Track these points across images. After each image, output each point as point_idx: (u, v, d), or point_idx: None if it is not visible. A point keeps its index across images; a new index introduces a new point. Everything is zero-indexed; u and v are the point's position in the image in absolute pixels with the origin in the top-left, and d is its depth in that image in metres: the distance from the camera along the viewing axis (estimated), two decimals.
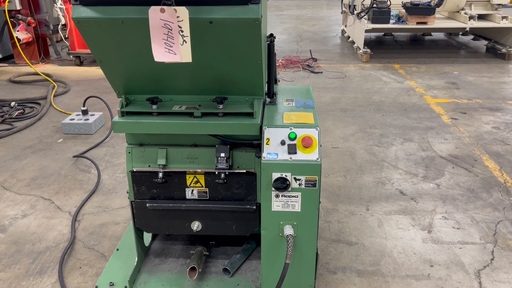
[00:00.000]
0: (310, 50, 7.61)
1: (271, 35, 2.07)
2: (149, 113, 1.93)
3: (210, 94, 1.94)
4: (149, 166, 2.07)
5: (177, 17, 1.41)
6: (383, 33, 9.07)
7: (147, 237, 2.50)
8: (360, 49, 7.29)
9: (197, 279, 2.23)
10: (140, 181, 2.09)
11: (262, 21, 1.62)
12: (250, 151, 2.01)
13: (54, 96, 5.55)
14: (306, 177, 1.83)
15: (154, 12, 1.40)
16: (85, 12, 1.57)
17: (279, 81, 2.52)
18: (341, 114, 4.90)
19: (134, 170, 2.07)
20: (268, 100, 2.16)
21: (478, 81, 6.01)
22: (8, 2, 6.50)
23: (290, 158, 1.82)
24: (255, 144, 1.95)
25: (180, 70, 1.81)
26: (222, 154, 1.98)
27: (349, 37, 8.51)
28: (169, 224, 2.17)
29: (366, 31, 7.07)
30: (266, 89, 2.13)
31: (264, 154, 1.83)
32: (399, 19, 7.27)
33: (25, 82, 6.22)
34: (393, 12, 7.40)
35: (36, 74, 6.35)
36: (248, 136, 1.94)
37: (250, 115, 1.90)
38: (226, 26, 1.57)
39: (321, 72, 6.54)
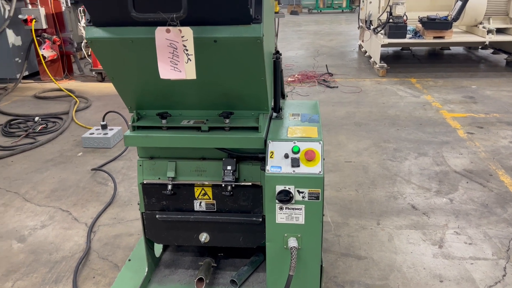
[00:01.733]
0: (326, 65, 7.67)
1: (277, 52, 2.14)
2: (159, 127, 2.01)
3: (217, 109, 2.01)
4: (159, 178, 2.14)
5: (182, 36, 1.49)
6: (400, 48, 9.06)
7: (158, 248, 2.56)
8: (376, 63, 7.30)
9: None
10: (151, 193, 2.16)
11: (264, 39, 1.69)
12: (256, 164, 2.06)
13: (76, 111, 5.74)
14: (309, 190, 1.87)
15: (160, 32, 1.49)
16: (98, 32, 1.67)
17: (287, 96, 2.58)
18: (355, 128, 4.91)
19: (145, 182, 2.15)
20: (274, 114, 2.22)
21: (497, 95, 5.94)
22: (35, 21, 6.79)
23: (293, 171, 1.86)
24: (260, 157, 2.00)
25: (188, 86, 1.89)
26: (229, 167, 2.04)
27: (366, 52, 8.54)
28: (178, 235, 2.23)
29: (382, 45, 7.10)
30: (272, 104, 2.19)
31: (268, 167, 1.88)
32: (416, 33, 7.27)
33: (49, 97, 6.46)
34: (410, 27, 7.41)
35: (60, 90, 6.58)
36: (253, 149, 1.99)
37: (256, 129, 1.96)
38: (230, 44, 1.65)
39: (337, 87, 6.57)
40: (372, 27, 7.61)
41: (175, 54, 1.51)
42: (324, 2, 17.30)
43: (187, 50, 1.51)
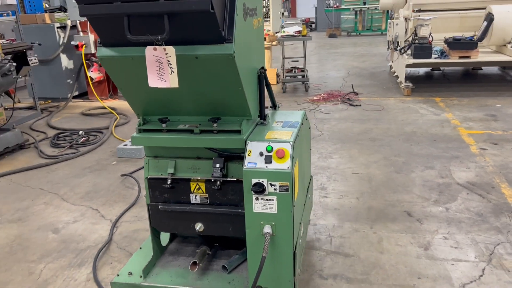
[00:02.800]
0: (352, 85, 7.92)
1: (262, 67, 2.50)
2: (159, 130, 2.41)
3: (207, 115, 2.39)
4: (161, 174, 2.53)
5: (166, 53, 1.89)
6: (431, 68, 9.14)
7: (165, 238, 2.94)
8: (402, 83, 7.47)
9: (199, 273, 2.61)
10: (154, 186, 2.55)
11: (240, 56, 2.06)
12: (242, 163, 2.40)
13: (116, 126, 6.34)
14: (279, 183, 2.18)
15: (149, 50, 1.90)
16: (106, 51, 2.11)
17: (278, 107, 2.91)
18: (369, 143, 5.13)
19: (150, 177, 2.55)
20: (260, 121, 2.56)
21: None
22: (85, 46, 7.57)
23: (266, 166, 2.19)
24: (242, 156, 2.34)
25: (181, 96, 2.29)
26: (217, 165, 2.39)
27: (394, 72, 8.70)
28: (177, 224, 2.60)
29: (407, 65, 7.27)
30: (258, 112, 2.54)
31: (245, 163, 2.22)
32: (442, 53, 7.39)
33: (94, 114, 7.15)
34: (438, 47, 7.54)
35: (104, 108, 7.27)
36: (237, 149, 2.34)
37: (239, 132, 2.31)
38: (208, 60, 2.03)
39: (360, 105, 6.81)
40: (398, 47, 7.80)
41: (161, 67, 1.91)
42: (363, 25, 17.54)
43: (170, 64, 1.91)
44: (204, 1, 1.78)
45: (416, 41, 7.28)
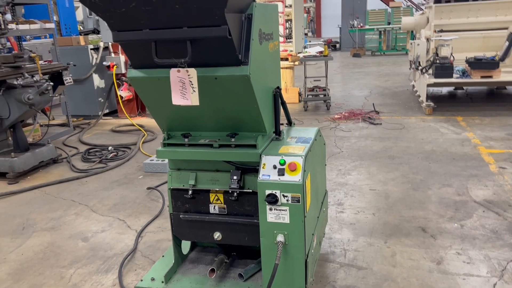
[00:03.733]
0: (373, 104, 8.01)
1: (278, 87, 2.69)
2: (182, 144, 2.61)
3: (226, 131, 2.58)
4: (183, 185, 2.73)
5: (189, 75, 2.10)
6: (454, 88, 9.15)
7: (186, 247, 3.11)
8: (423, 102, 7.52)
9: (217, 280, 2.77)
10: (177, 197, 2.75)
11: (255, 77, 2.25)
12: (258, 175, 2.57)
13: (143, 142, 6.63)
14: (291, 194, 2.34)
15: (173, 72, 2.11)
16: (136, 73, 2.34)
17: (293, 124, 3.08)
18: (388, 161, 5.21)
19: (172, 188, 2.74)
20: (276, 137, 2.73)
21: None
22: (116, 67, 7.98)
23: (279, 178, 2.35)
24: (257, 169, 2.51)
25: (202, 113, 2.49)
26: (235, 177, 2.57)
27: (416, 91, 8.75)
28: (197, 233, 2.78)
29: (429, 85, 7.34)
30: (273, 128, 2.72)
31: (260, 175, 2.39)
32: (464, 73, 7.42)
33: (123, 131, 7.48)
34: (460, 67, 7.58)
35: (132, 125, 7.60)
36: (253, 162, 2.51)
37: (254, 146, 2.49)
38: (226, 80, 2.23)
39: (380, 124, 6.89)
40: (420, 67, 7.88)
41: (184, 87, 2.11)
42: (388, 45, 17.62)
43: (192, 84, 2.11)
44: (222, 28, 1.99)
45: (437, 61, 7.35)
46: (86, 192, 4.82)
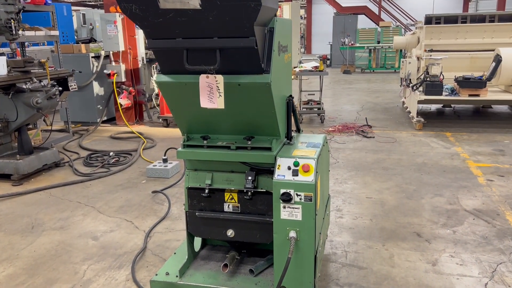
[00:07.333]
0: (366, 118, 8.30)
1: (290, 95, 2.91)
2: (201, 145, 2.80)
3: (243, 134, 2.78)
4: (200, 185, 2.91)
5: (216, 81, 2.31)
6: (442, 105, 9.51)
7: (197, 244, 3.27)
8: (414, 117, 7.84)
9: (229, 276, 2.94)
10: (193, 195, 2.93)
11: (274, 85, 2.47)
12: (271, 177, 2.76)
13: (143, 149, 6.78)
14: (304, 193, 2.54)
15: (202, 78, 2.31)
16: (163, 78, 2.54)
17: (302, 131, 3.30)
18: (382, 171, 5.45)
19: (189, 186, 2.92)
20: (287, 141, 2.94)
21: None
22: (116, 75, 8.14)
23: (293, 178, 2.55)
24: (271, 170, 2.71)
25: (222, 117, 2.69)
26: (249, 177, 2.76)
27: (407, 107, 9.08)
28: (211, 230, 2.95)
29: (419, 101, 7.66)
30: (286, 133, 2.93)
31: (275, 175, 2.59)
32: (453, 91, 7.77)
33: (122, 138, 7.61)
34: (448, 85, 7.94)
35: (132, 132, 7.74)
36: (267, 164, 2.71)
37: (269, 149, 2.69)
38: (249, 87, 2.44)
39: (373, 137, 7.16)
40: (411, 84, 8.22)
41: (211, 92, 2.32)
42: (378, 63, 18.10)
43: (219, 89, 2.32)
44: (250, 40, 2.20)
45: (428, 79, 7.69)
46: (91, 194, 4.95)
